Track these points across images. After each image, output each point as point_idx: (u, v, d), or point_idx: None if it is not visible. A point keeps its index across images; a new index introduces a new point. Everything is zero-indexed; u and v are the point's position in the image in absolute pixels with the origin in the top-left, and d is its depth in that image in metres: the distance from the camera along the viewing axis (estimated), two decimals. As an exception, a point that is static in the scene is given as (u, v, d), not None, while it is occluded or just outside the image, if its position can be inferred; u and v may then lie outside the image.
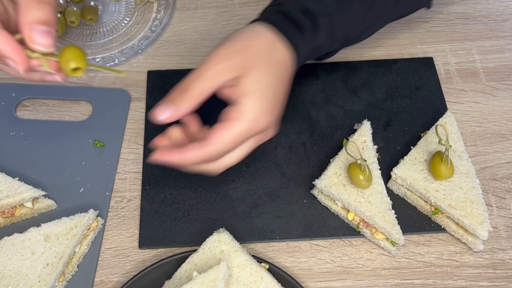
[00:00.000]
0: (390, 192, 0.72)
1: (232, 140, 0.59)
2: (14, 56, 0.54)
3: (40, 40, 0.53)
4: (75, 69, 0.56)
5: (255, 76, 0.60)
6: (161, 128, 0.77)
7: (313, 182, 0.70)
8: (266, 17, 0.66)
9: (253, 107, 0.60)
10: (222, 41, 0.63)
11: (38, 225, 0.66)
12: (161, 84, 0.81)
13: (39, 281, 0.62)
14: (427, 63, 0.83)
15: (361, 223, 0.68)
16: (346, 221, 0.70)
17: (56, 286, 0.64)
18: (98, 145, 0.76)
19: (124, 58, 0.84)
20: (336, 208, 0.70)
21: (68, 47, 0.56)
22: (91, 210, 0.68)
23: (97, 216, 0.69)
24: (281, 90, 0.64)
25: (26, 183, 0.69)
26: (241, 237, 0.68)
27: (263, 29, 0.64)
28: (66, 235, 0.65)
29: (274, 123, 0.63)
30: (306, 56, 0.68)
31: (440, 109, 0.78)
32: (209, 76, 0.59)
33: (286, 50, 0.64)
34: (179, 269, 0.64)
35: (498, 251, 0.68)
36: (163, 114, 0.59)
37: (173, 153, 0.60)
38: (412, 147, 0.72)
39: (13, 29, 0.56)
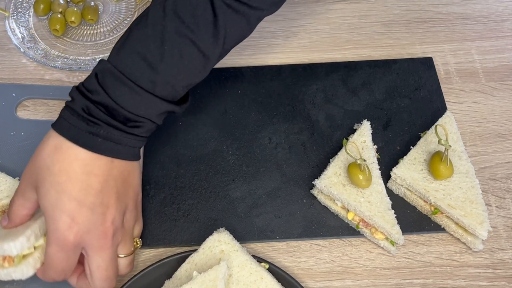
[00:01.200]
0: (389, 192, 0.72)
1: (55, 260, 0.58)
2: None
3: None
4: None
5: (43, 194, 0.58)
6: (161, 128, 0.77)
7: (313, 182, 0.70)
8: (58, 118, 0.61)
9: (50, 227, 0.57)
10: None
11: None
12: (161, 84, 0.81)
13: None
14: (427, 63, 0.83)
15: (360, 223, 0.68)
16: (346, 221, 0.70)
17: None
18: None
19: (124, 58, 0.84)
20: (336, 208, 0.70)
21: None
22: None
23: None
24: (84, 190, 0.57)
25: (27, 183, 0.70)
26: (241, 237, 0.68)
27: (48, 135, 0.60)
28: None
29: (92, 228, 0.58)
30: (115, 135, 0.59)
31: (439, 109, 0.79)
32: (20, 194, 0.61)
33: (75, 149, 0.58)
34: (179, 269, 0.64)
35: (497, 251, 0.68)
36: (3, 222, 0.62)
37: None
38: (411, 147, 0.72)
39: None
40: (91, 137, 0.58)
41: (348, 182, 0.69)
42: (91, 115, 0.58)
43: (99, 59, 0.83)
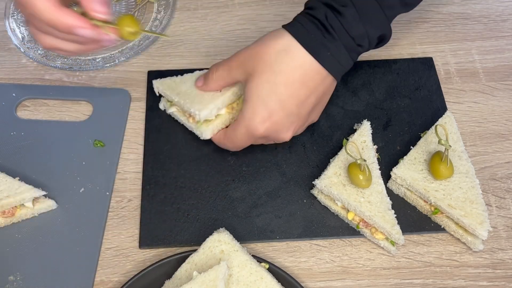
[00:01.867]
0: (389, 192, 0.72)
1: (239, 139, 0.68)
2: (82, 24, 0.60)
3: (100, 8, 0.60)
4: (132, 33, 0.64)
5: (255, 83, 0.63)
6: (161, 128, 0.77)
7: (313, 182, 0.70)
8: (293, 22, 0.65)
9: (248, 114, 0.65)
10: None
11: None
12: (161, 84, 0.81)
13: (210, 100, 0.71)
14: (427, 63, 0.83)
15: (361, 223, 0.68)
16: (346, 221, 0.70)
17: None
18: (99, 145, 0.76)
19: (124, 58, 0.84)
20: (336, 208, 0.70)
21: (123, 16, 0.64)
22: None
23: None
24: (291, 97, 0.64)
25: (27, 183, 0.70)
26: (241, 237, 0.68)
27: (279, 34, 0.64)
28: None
29: (280, 129, 0.66)
30: (342, 54, 0.64)
31: (439, 109, 0.79)
32: (227, 68, 0.68)
33: (304, 56, 0.62)
34: (179, 269, 0.64)
35: (497, 251, 0.68)
36: (198, 82, 0.72)
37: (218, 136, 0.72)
38: (411, 147, 0.72)
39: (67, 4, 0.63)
40: (323, 48, 0.62)
41: (348, 182, 0.69)
42: (328, 26, 0.62)
43: (99, 59, 0.84)
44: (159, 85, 0.77)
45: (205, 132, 0.72)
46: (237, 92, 0.72)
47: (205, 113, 0.71)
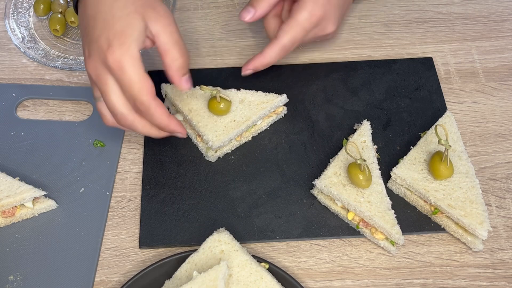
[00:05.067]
0: (389, 192, 0.72)
1: (296, 30, 0.73)
2: (180, 130, 0.68)
3: (186, 86, 0.67)
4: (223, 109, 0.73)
5: None
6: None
7: (313, 182, 0.70)
8: None
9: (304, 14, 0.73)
10: None
11: (238, 89, 0.76)
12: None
13: (223, 130, 0.73)
14: (427, 63, 0.83)
15: (360, 223, 0.68)
16: (346, 221, 0.70)
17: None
18: (99, 145, 0.76)
19: (124, 58, 0.84)
20: (336, 208, 0.70)
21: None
22: (284, 96, 0.76)
23: (283, 105, 0.78)
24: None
25: (27, 183, 0.70)
26: (241, 237, 0.68)
27: None
28: (257, 106, 0.75)
29: (330, 16, 0.75)
30: None
31: (439, 109, 0.79)
32: None
33: None
34: (179, 269, 0.64)
35: (497, 251, 0.68)
36: (247, 15, 0.75)
37: (256, 59, 0.75)
38: (411, 147, 0.72)
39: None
40: None
41: (348, 182, 0.69)
42: None
43: (99, 59, 0.84)
44: (168, 90, 0.77)
45: (212, 157, 0.74)
46: (249, 124, 0.74)
47: (218, 144, 0.72)
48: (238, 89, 0.76)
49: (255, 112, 0.75)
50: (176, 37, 0.65)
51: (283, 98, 0.76)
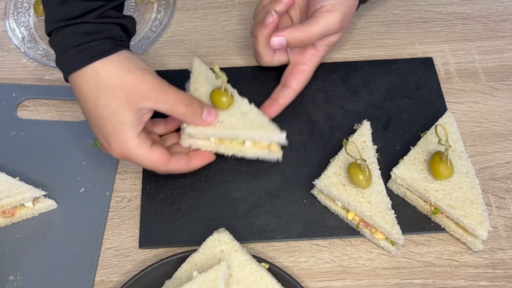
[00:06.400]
0: (389, 192, 0.72)
1: (324, 26, 0.72)
2: (205, 162, 0.72)
3: (211, 119, 0.68)
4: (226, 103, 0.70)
5: None
6: (161, 128, 0.77)
7: (313, 182, 0.70)
8: None
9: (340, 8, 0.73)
10: None
11: (250, 102, 0.72)
12: (161, 84, 0.81)
13: None
14: (427, 63, 0.83)
15: (360, 223, 0.68)
16: (346, 221, 0.70)
17: None
18: (99, 145, 0.76)
19: (124, 58, 0.84)
20: (336, 208, 0.70)
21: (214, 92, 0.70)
22: (283, 134, 0.70)
23: (280, 148, 0.73)
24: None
25: (27, 183, 0.70)
26: (241, 237, 0.68)
27: None
28: (251, 124, 0.70)
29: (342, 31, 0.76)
30: None
31: (439, 109, 0.79)
32: None
33: None
34: (179, 269, 0.64)
35: (497, 251, 0.68)
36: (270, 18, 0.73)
37: (284, 31, 0.72)
38: (411, 147, 0.72)
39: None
40: None
41: (348, 182, 0.69)
42: None
43: (99, 59, 0.84)
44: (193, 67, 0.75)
45: (184, 140, 0.70)
46: (232, 134, 0.70)
47: (190, 130, 0.68)
48: (251, 102, 0.72)
49: (245, 127, 0.69)
50: (172, 97, 0.64)
51: (281, 135, 0.69)
